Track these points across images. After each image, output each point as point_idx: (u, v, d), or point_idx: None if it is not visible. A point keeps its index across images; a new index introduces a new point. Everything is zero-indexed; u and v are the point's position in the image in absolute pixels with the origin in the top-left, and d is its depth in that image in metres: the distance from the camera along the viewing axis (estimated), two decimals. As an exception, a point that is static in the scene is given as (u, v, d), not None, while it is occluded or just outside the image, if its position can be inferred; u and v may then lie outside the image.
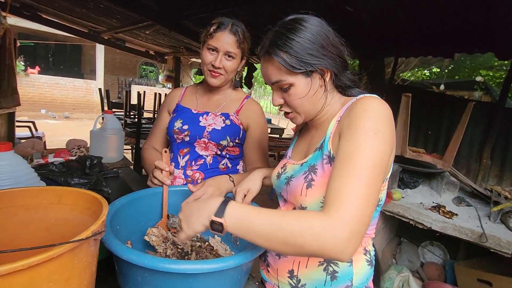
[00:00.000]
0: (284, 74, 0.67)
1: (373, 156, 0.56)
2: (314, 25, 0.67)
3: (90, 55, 11.92)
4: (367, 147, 0.57)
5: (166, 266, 0.55)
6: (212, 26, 1.08)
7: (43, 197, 0.58)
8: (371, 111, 0.61)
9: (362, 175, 0.54)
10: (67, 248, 0.41)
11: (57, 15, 3.83)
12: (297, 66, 0.65)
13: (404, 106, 2.12)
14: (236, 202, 0.60)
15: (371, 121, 0.59)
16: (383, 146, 0.58)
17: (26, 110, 9.55)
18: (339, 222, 0.50)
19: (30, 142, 1.44)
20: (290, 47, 0.65)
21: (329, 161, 0.67)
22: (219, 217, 0.57)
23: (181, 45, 4.80)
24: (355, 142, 0.58)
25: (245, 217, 0.57)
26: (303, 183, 0.70)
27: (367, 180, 0.54)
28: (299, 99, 0.69)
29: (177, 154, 1.21)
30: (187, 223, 0.63)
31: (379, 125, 0.59)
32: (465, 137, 2.73)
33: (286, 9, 2.38)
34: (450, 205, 2.18)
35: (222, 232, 0.58)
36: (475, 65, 6.68)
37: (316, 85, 0.69)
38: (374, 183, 0.55)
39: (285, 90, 0.70)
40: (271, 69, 0.69)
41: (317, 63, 0.66)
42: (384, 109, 0.62)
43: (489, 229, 1.78)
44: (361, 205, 0.52)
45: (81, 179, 1.24)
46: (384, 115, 0.61)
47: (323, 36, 0.67)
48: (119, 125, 1.73)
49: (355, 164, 0.55)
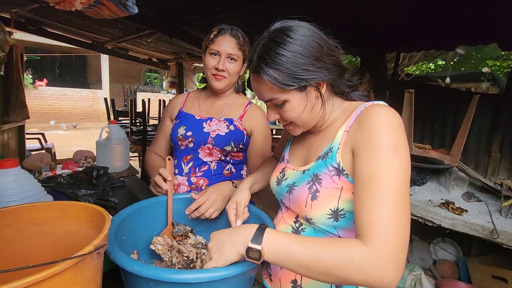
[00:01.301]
0: (277, 92, 0.64)
1: (398, 175, 0.54)
2: (305, 35, 0.62)
3: (95, 65, 12.16)
4: (391, 166, 0.54)
5: (169, 276, 0.56)
6: (213, 32, 1.12)
7: (49, 211, 0.60)
8: (386, 124, 0.58)
9: (392, 197, 0.52)
10: (69, 263, 0.42)
11: (61, 28, 3.92)
12: (289, 83, 0.61)
13: (408, 102, 2.09)
14: (273, 230, 0.58)
15: (389, 136, 0.56)
16: (405, 160, 0.56)
17: (35, 122, 9.78)
18: (380, 252, 0.49)
19: (39, 155, 1.48)
20: (280, 64, 0.60)
21: (337, 173, 0.64)
22: (257, 244, 0.55)
23: (182, 51, 4.85)
24: (377, 162, 0.55)
25: (284, 246, 0.55)
26: (307, 194, 0.68)
27: (398, 201, 0.52)
28: (296, 114, 0.66)
29: (181, 161, 1.22)
30: (218, 252, 0.60)
31: (396, 139, 0.56)
32: (472, 131, 2.68)
33: (285, 10, 2.39)
34: (459, 201, 2.14)
35: (259, 260, 0.56)
36: (481, 55, 6.56)
37: (312, 98, 0.65)
38: (405, 202, 0.53)
39: (280, 107, 0.67)
40: (262, 87, 0.65)
41: (312, 77, 0.62)
42: (397, 119, 0.59)
43: (500, 225, 1.74)
44: (398, 228, 0.51)
45: (88, 190, 1.26)
46: (399, 126, 0.58)
47: (316, 47, 0.62)
48: (124, 135, 1.76)
49: (382, 187, 0.53)
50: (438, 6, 2.14)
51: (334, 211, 0.65)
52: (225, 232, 0.63)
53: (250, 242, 0.56)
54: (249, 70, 0.69)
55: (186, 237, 0.95)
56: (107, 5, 0.67)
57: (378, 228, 0.51)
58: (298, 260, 0.53)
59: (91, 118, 11.55)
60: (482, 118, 2.71)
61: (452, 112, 2.91)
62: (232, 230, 0.62)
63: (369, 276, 0.49)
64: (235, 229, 0.61)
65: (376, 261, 0.49)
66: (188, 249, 0.88)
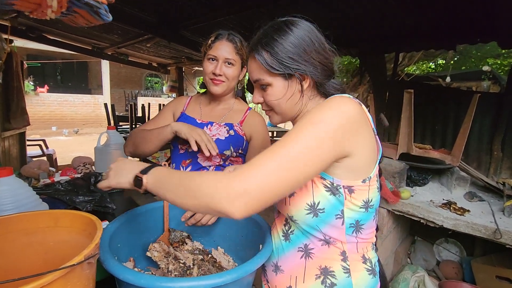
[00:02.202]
0: (264, 73, 0.69)
1: (302, 140, 0.54)
2: (302, 29, 0.67)
3: (96, 71, 12.23)
4: (300, 132, 0.56)
5: (162, 285, 0.55)
6: (210, 38, 1.14)
7: (40, 221, 0.59)
8: (324, 105, 0.60)
9: (282, 153, 0.53)
10: (58, 275, 0.41)
11: (61, 35, 3.95)
12: (275, 67, 0.66)
13: (407, 102, 2.08)
14: (166, 168, 0.63)
15: (317, 113, 0.58)
16: (321, 134, 0.55)
17: (37, 128, 9.83)
18: (236, 178, 0.51)
19: (37, 163, 1.48)
20: (272, 47, 0.66)
21: None
22: (143, 174, 0.61)
23: (182, 55, 4.87)
24: (293, 129, 0.58)
25: (162, 175, 0.60)
26: None
27: (286, 158, 0.52)
28: (276, 100, 0.70)
29: (179, 164, 1.22)
30: (115, 173, 0.67)
31: (325, 116, 0.57)
32: (473, 130, 2.66)
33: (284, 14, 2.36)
34: (461, 201, 2.12)
35: (141, 188, 0.61)
36: (482, 54, 6.53)
37: (293, 89, 0.69)
38: (295, 166, 0.53)
39: (263, 89, 0.71)
40: (253, 66, 0.71)
41: (296, 67, 0.66)
42: (343, 104, 0.60)
43: (503, 225, 1.72)
44: (268, 175, 0.51)
45: (86, 196, 1.26)
46: (339, 110, 0.58)
47: (308, 41, 0.66)
48: (122, 140, 1.75)
49: (280, 143, 0.55)
50: (437, 5, 2.14)
51: (311, 205, 0.65)
52: (127, 162, 0.68)
53: (138, 172, 0.62)
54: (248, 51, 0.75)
55: (183, 243, 0.94)
56: (81, 13, 0.68)
57: (249, 164, 0.53)
58: (168, 186, 0.58)
59: (92, 124, 11.60)
60: (483, 117, 2.69)
61: (453, 111, 2.90)
62: (134, 162, 0.68)
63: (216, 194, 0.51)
64: (136, 163, 0.67)
65: (229, 183, 0.50)
66: (185, 255, 0.87)
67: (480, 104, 2.21)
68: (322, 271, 0.69)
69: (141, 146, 1.16)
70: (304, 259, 0.71)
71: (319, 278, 0.69)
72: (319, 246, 0.69)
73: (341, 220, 0.66)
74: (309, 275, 0.70)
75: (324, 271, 0.69)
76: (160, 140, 1.12)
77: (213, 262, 0.89)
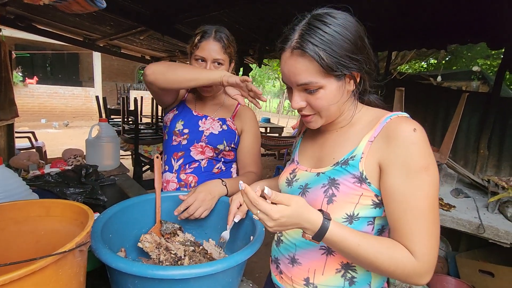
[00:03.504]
0: (316, 75, 0.60)
1: (432, 193, 0.59)
2: (351, 22, 0.60)
3: (87, 63, 11.98)
4: (425, 186, 0.58)
5: (154, 273, 0.56)
6: (196, 36, 1.10)
7: (31, 210, 0.59)
8: (419, 145, 0.59)
9: (428, 215, 0.58)
10: (50, 261, 0.42)
11: (51, 25, 3.86)
12: (333, 67, 0.58)
13: (398, 100, 2.12)
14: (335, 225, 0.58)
15: (422, 157, 0.58)
16: (436, 179, 0.60)
17: (26, 120, 9.61)
18: (423, 264, 0.58)
19: (26, 154, 1.46)
20: (327, 44, 0.57)
21: (359, 181, 0.64)
22: (317, 240, 0.59)
23: (175, 48, 4.82)
24: (413, 183, 0.58)
25: (341, 247, 0.59)
26: (323, 197, 0.66)
27: (432, 218, 0.59)
28: (328, 105, 0.63)
29: (171, 157, 1.23)
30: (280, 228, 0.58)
31: (428, 159, 0.59)
32: (462, 128, 2.73)
33: (277, 9, 2.39)
34: (448, 197, 2.18)
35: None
36: (472, 54, 6.65)
37: (346, 90, 0.64)
38: (436, 215, 0.60)
39: (311, 92, 0.63)
40: (300, 68, 0.61)
41: (353, 67, 0.60)
42: (425, 136, 0.60)
43: (487, 220, 1.78)
44: (434, 242, 0.59)
45: (77, 188, 1.25)
46: (428, 144, 0.60)
47: (361, 36, 0.61)
48: (114, 133, 1.74)
49: (420, 208, 0.58)
50: (429, 5, 2.17)
51: (350, 216, 0.65)
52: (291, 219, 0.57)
53: (310, 236, 0.59)
54: (283, 49, 0.63)
55: (174, 235, 0.95)
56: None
57: (421, 245, 0.58)
58: (351, 257, 0.61)
59: (83, 117, 11.40)
60: (472, 116, 2.76)
61: (443, 110, 2.96)
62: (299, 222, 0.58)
63: (411, 281, 0.60)
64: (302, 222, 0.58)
65: (421, 272, 0.58)
66: (176, 246, 0.88)
67: (469, 103, 2.26)
68: (343, 266, 0.70)
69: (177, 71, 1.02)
70: (325, 256, 0.71)
71: (340, 272, 0.70)
72: None
73: (372, 226, 0.67)
74: (329, 268, 0.70)
75: (345, 266, 0.69)
76: (202, 78, 1.00)
77: (204, 253, 0.90)
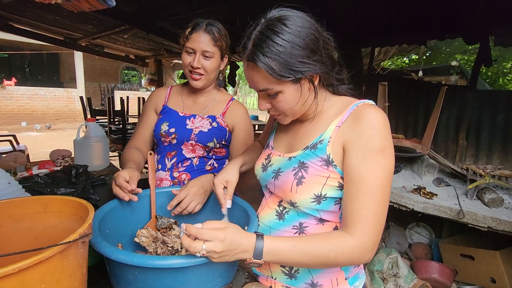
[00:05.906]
0: (272, 82, 0.63)
1: (384, 174, 0.63)
2: (303, 26, 0.62)
3: (68, 63, 11.62)
4: (378, 167, 0.62)
5: (154, 263, 0.58)
6: (188, 28, 1.11)
7: (28, 207, 0.60)
8: (379, 129, 0.63)
9: (376, 194, 0.62)
10: (55, 250, 0.43)
11: (30, 24, 3.72)
12: (285, 74, 0.61)
13: (381, 94, 2.19)
14: (270, 241, 0.61)
15: (380, 140, 0.63)
16: (390, 162, 0.64)
17: (5, 124, 9.26)
18: (365, 242, 0.61)
19: (12, 155, 1.43)
20: (277, 54, 0.60)
21: (326, 164, 0.68)
22: (258, 259, 0.61)
23: (161, 47, 4.75)
24: (368, 164, 0.62)
25: (282, 255, 0.62)
26: (292, 179, 0.71)
27: (380, 197, 0.62)
28: (288, 106, 0.67)
29: (164, 156, 1.23)
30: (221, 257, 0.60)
31: (386, 143, 0.63)
32: (441, 121, 2.85)
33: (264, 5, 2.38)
34: (430, 186, 2.28)
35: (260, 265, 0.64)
36: (451, 50, 6.91)
37: (305, 91, 0.67)
38: (386, 196, 0.64)
39: (273, 97, 0.67)
40: (256, 76, 0.64)
41: (307, 69, 0.62)
42: (387, 122, 0.65)
43: (466, 206, 1.88)
44: (379, 220, 0.62)
45: (68, 188, 1.24)
46: (388, 130, 0.64)
47: (313, 39, 0.62)
48: (103, 132, 1.72)
49: (369, 186, 0.62)
50: (409, 2, 2.24)
51: (318, 196, 0.70)
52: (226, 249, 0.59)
53: (251, 258, 0.62)
54: (242, 57, 0.66)
55: (170, 229, 0.97)
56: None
57: (363, 221, 0.62)
58: (296, 263, 0.65)
59: (66, 119, 11.07)
60: (451, 109, 2.89)
61: (424, 103, 3.08)
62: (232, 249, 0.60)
63: (355, 260, 0.63)
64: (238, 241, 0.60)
65: (361, 248, 0.62)
66: (173, 240, 0.90)
67: (448, 96, 2.37)
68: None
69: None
70: (298, 235, 0.75)
71: None
72: (314, 224, 0.74)
73: (339, 206, 0.72)
74: None
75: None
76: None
77: (200, 245, 0.92)
